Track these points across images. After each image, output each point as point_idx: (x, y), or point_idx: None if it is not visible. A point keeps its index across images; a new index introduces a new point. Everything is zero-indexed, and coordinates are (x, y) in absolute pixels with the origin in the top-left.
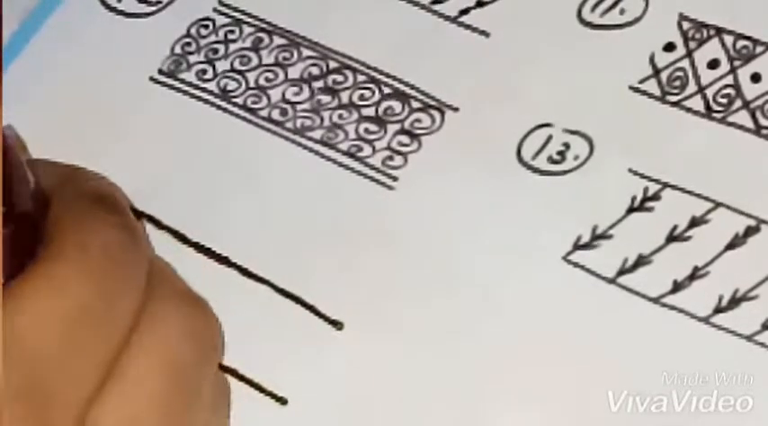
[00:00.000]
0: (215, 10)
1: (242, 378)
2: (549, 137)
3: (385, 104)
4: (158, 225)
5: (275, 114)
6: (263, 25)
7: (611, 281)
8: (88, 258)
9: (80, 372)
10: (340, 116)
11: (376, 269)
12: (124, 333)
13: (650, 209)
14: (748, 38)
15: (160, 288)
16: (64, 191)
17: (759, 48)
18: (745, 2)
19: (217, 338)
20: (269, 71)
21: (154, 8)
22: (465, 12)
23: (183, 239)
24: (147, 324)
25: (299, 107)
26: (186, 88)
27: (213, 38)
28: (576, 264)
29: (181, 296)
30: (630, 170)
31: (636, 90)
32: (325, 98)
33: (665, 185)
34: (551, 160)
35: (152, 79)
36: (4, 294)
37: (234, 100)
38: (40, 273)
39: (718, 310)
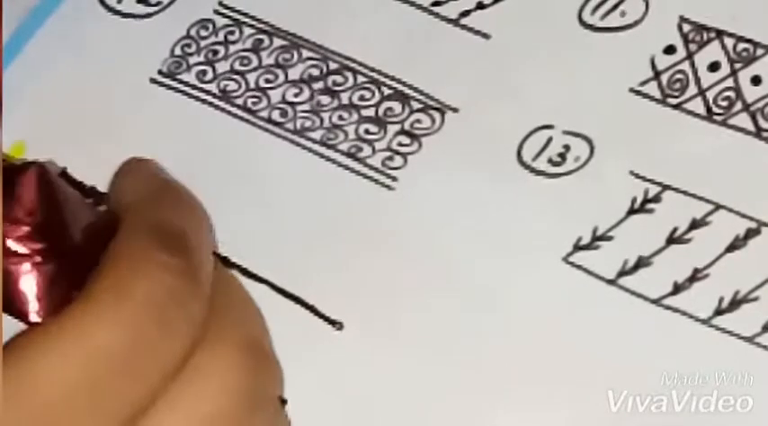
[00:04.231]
0: (215, 11)
1: None
2: (550, 139)
3: (385, 105)
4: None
5: (275, 115)
6: (264, 26)
7: (612, 283)
8: (126, 304)
9: (97, 422)
10: (340, 117)
11: (376, 269)
12: (157, 384)
13: (650, 211)
14: (749, 40)
15: (217, 336)
16: (132, 222)
17: (759, 51)
18: (745, 4)
19: (272, 392)
20: (269, 72)
21: (154, 9)
22: (465, 14)
23: None
24: (189, 376)
25: (299, 108)
26: (186, 89)
27: (213, 39)
28: (576, 265)
29: (238, 346)
30: (631, 172)
31: (636, 92)
32: (325, 99)
33: (666, 187)
34: (552, 162)
35: (152, 80)
36: (31, 332)
37: (234, 101)
38: (69, 315)
39: (718, 312)
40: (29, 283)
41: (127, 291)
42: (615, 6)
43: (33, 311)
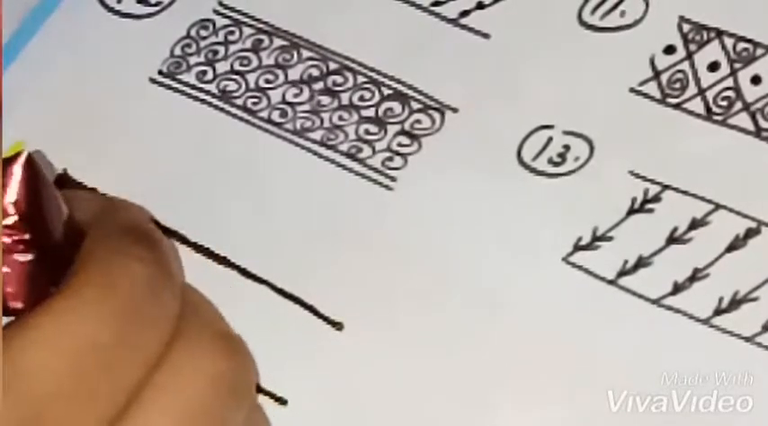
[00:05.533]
0: (215, 11)
1: None
2: (550, 139)
3: (385, 105)
4: (160, 227)
5: (275, 115)
6: (263, 26)
7: (612, 283)
8: (110, 296)
9: (86, 413)
10: (340, 117)
11: (376, 269)
12: (141, 376)
13: (650, 211)
14: (748, 40)
15: (191, 327)
16: (100, 223)
17: (759, 51)
18: (745, 4)
19: (249, 380)
20: (269, 72)
21: (154, 9)
22: (465, 13)
23: (182, 240)
24: (170, 366)
25: (298, 108)
26: (186, 89)
27: (213, 39)
28: (576, 265)
29: (213, 336)
30: (631, 172)
31: (636, 92)
32: (325, 99)
33: (666, 187)
34: (551, 162)
35: (152, 80)
36: (18, 324)
37: (234, 101)
38: (55, 307)
39: (718, 312)
40: (10, 273)
41: (109, 284)
42: (615, 6)
43: (14, 300)
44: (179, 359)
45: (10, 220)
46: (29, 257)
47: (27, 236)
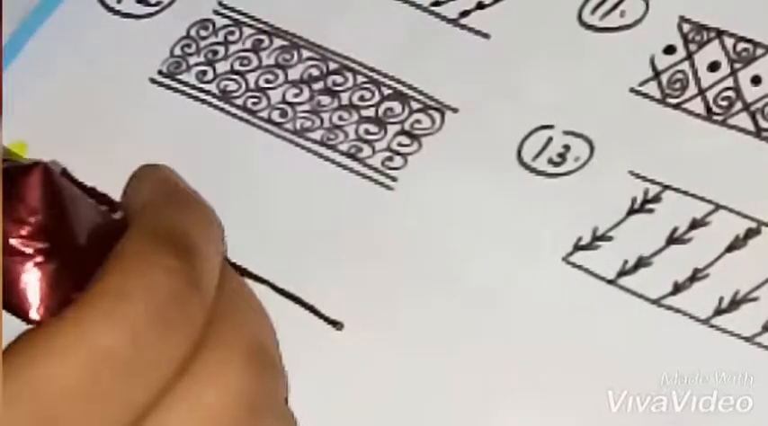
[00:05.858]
0: (215, 11)
1: None
2: (550, 139)
3: (385, 105)
4: None
5: (275, 115)
6: (264, 26)
7: (612, 283)
8: (126, 306)
9: (96, 423)
10: (340, 117)
11: (375, 269)
12: (159, 386)
13: (650, 211)
14: (749, 40)
15: (221, 339)
16: (138, 225)
17: (759, 51)
18: (745, 4)
19: (275, 397)
20: (269, 72)
21: (154, 9)
22: (465, 14)
23: None
24: (192, 378)
25: (298, 108)
26: (186, 89)
27: (213, 39)
28: (576, 265)
29: (242, 350)
30: (631, 172)
31: (636, 92)
32: (325, 99)
33: (666, 187)
34: (552, 162)
35: (152, 80)
36: (32, 332)
37: (234, 101)
38: (69, 316)
39: (718, 312)
40: (30, 282)
41: (127, 293)
42: (615, 6)
43: (34, 310)
44: (202, 370)
45: (26, 230)
46: (50, 266)
47: (47, 245)
